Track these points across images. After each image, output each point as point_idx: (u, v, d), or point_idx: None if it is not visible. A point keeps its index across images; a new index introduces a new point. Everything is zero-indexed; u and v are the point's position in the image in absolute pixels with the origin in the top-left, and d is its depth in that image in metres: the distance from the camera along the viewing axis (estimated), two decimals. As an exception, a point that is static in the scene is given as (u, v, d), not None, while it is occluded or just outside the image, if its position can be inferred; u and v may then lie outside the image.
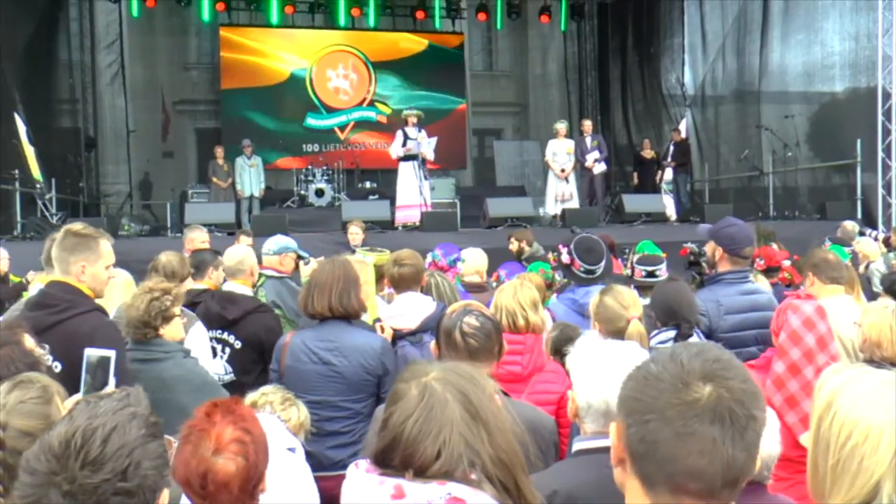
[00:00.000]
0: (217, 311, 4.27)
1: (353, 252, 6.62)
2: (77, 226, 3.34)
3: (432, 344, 2.76)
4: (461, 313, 2.67)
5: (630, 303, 3.40)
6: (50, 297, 3.15)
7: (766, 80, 14.79)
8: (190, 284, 4.58)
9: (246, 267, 4.53)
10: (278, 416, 2.92)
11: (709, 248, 4.31)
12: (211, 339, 4.20)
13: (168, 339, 3.56)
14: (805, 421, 3.10)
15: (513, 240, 8.82)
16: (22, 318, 3.12)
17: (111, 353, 2.72)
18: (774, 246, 7.04)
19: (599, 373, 2.13)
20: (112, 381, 2.69)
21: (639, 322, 3.33)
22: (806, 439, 1.46)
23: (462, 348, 2.59)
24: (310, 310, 3.60)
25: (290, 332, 3.75)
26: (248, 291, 4.47)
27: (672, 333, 3.63)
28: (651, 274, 4.91)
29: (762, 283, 4.70)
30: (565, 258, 4.46)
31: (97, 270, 3.23)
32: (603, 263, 4.46)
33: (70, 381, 2.88)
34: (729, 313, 3.97)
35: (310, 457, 2.95)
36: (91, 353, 2.72)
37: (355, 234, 9.56)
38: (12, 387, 2.15)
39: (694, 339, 3.61)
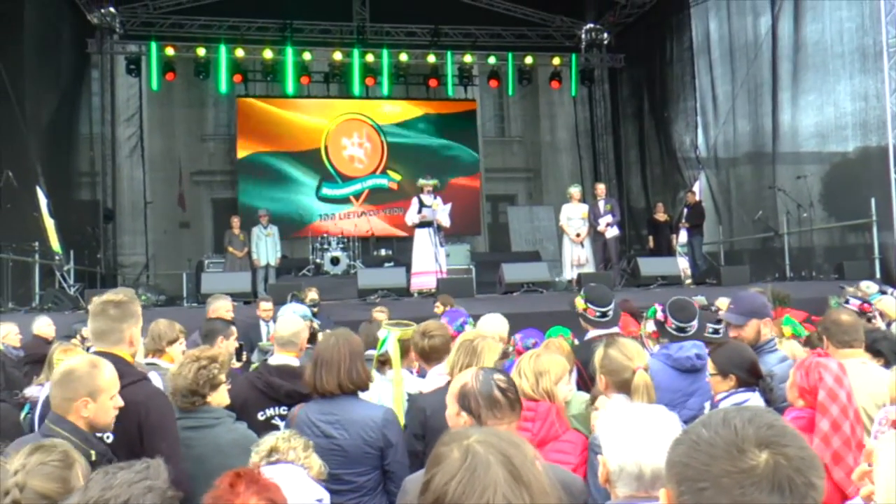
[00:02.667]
0: (289, 388, 4.07)
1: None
2: (114, 296, 3.38)
3: (464, 417, 2.71)
4: (487, 373, 2.67)
5: (634, 354, 3.38)
6: None
7: (778, 141, 14.88)
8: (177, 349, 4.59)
9: (299, 340, 4.41)
10: (302, 464, 2.91)
11: (752, 328, 4.23)
12: (273, 416, 4.05)
13: (214, 405, 3.57)
14: (850, 475, 3.07)
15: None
16: None
17: None
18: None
19: (631, 436, 2.11)
20: None
21: (644, 372, 3.29)
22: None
23: (505, 404, 2.59)
24: (319, 388, 3.58)
25: (299, 406, 3.72)
26: (299, 363, 4.38)
27: (748, 395, 3.53)
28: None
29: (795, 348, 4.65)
30: (659, 315, 4.57)
31: (138, 333, 3.35)
32: (695, 322, 4.49)
33: (122, 450, 2.91)
34: (781, 382, 3.89)
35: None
36: None
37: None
38: (34, 450, 2.17)
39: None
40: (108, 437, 3.03)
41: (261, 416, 4.00)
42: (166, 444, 3.05)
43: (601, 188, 14.42)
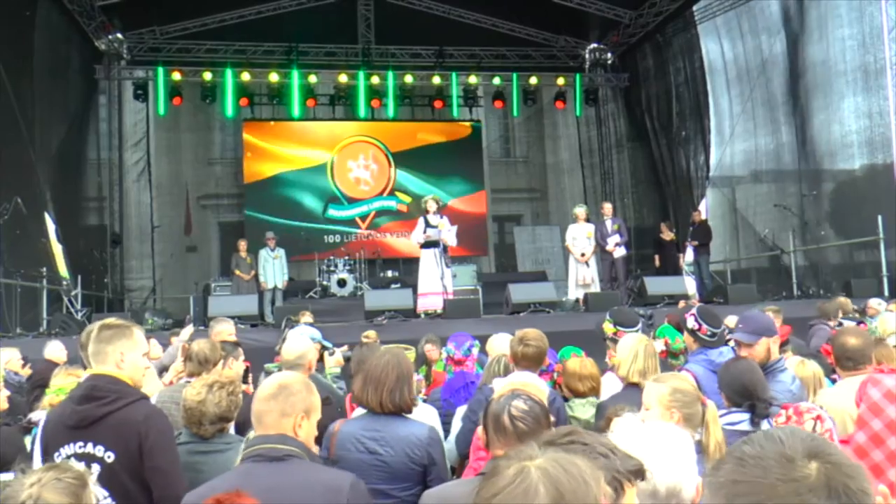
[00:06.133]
0: None
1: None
2: (109, 319, 3.41)
3: (479, 429, 2.73)
4: (509, 397, 2.66)
5: (694, 384, 3.32)
6: (97, 390, 3.17)
7: (786, 160, 14.90)
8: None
9: (305, 362, 4.47)
10: None
11: (762, 346, 4.21)
12: None
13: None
14: (893, 489, 3.06)
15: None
16: (70, 411, 3.15)
17: None
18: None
19: (645, 454, 2.10)
20: None
21: (712, 403, 3.25)
22: None
23: (511, 432, 2.57)
24: (364, 403, 3.61)
25: (339, 421, 3.73)
26: None
27: (742, 416, 3.51)
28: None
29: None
30: (693, 324, 4.69)
31: (135, 358, 3.29)
32: (721, 329, 4.68)
33: (122, 469, 2.91)
34: (800, 401, 3.89)
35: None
36: None
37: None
38: (49, 468, 2.21)
39: (765, 424, 3.46)
40: (109, 457, 3.03)
41: None
42: (166, 461, 3.09)
43: (608, 207, 14.42)
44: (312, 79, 18.75)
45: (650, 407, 3.05)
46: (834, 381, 5.07)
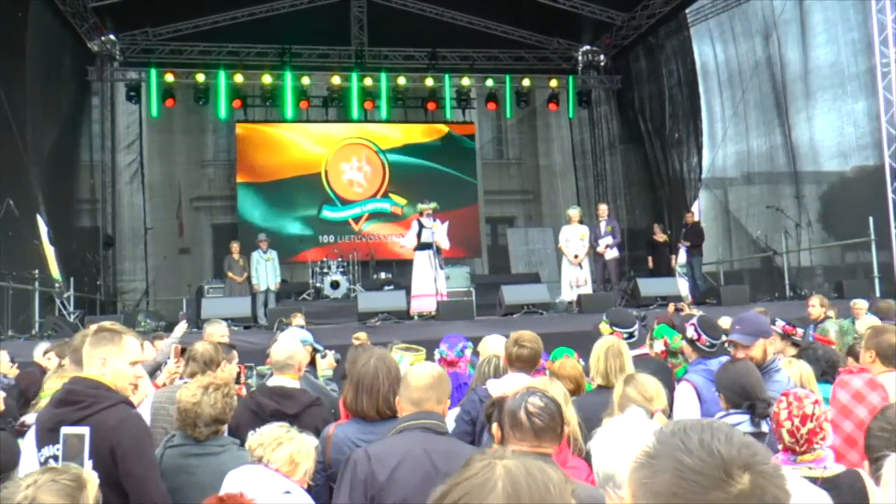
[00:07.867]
0: (274, 407, 4.16)
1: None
2: (107, 323, 3.40)
3: (495, 426, 2.79)
4: (525, 394, 2.73)
5: (654, 394, 3.35)
6: (74, 394, 3.16)
7: (778, 162, 14.94)
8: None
9: (295, 362, 4.47)
10: (268, 459, 3.10)
11: (759, 348, 4.26)
12: None
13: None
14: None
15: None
16: (49, 415, 3.15)
17: (85, 431, 2.80)
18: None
19: (615, 443, 2.13)
20: (87, 460, 2.75)
21: (663, 415, 3.28)
22: None
23: (528, 428, 2.64)
24: (359, 412, 3.59)
25: (333, 424, 3.73)
26: (298, 385, 4.43)
27: (742, 417, 3.53)
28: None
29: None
30: (692, 334, 4.67)
31: (119, 365, 3.25)
32: (720, 339, 4.69)
33: (98, 475, 2.90)
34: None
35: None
36: (67, 431, 2.80)
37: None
38: (46, 470, 2.24)
39: (764, 426, 3.50)
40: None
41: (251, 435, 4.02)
42: (141, 467, 3.05)
43: (603, 209, 14.42)
44: (305, 80, 18.74)
45: None
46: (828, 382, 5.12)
